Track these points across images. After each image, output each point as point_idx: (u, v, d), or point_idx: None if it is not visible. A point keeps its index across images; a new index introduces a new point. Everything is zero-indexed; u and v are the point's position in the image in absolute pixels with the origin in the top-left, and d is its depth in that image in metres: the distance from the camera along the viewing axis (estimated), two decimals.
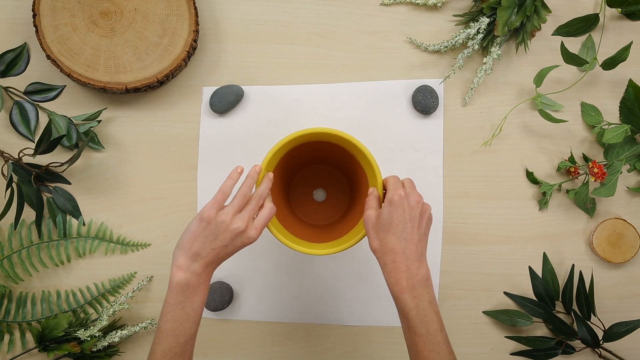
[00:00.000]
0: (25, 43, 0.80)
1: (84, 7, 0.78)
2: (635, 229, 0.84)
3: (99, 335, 0.80)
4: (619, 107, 0.85)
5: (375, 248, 0.64)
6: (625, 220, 0.84)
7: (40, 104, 0.83)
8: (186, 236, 0.62)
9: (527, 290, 0.86)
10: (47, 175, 0.82)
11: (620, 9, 0.83)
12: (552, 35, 0.81)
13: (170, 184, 0.85)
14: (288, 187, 0.84)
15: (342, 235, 0.74)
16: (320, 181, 0.85)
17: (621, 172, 0.81)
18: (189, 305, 0.61)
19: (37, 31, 0.78)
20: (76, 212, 0.84)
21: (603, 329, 0.84)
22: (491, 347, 0.86)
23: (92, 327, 0.80)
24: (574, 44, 0.84)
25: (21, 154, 0.81)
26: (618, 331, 0.82)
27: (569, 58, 0.78)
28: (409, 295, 0.61)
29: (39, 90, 0.80)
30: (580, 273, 0.84)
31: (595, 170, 0.80)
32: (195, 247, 0.61)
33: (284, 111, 0.85)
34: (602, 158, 0.85)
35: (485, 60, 0.82)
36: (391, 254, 0.62)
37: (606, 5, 0.82)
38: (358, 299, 0.86)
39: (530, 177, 0.85)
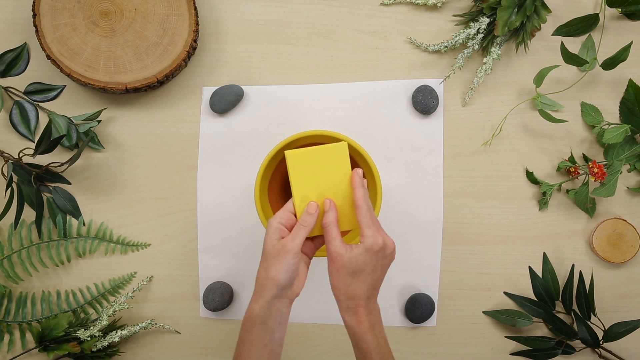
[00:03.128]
0: (25, 43, 0.80)
1: (84, 7, 0.78)
2: (635, 229, 0.84)
3: (99, 335, 0.80)
4: (619, 107, 0.85)
5: (338, 289, 0.60)
6: (625, 220, 0.84)
7: (40, 104, 0.83)
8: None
9: (527, 290, 0.86)
10: (47, 175, 0.82)
11: (620, 9, 0.83)
12: (552, 35, 0.81)
13: (170, 184, 0.85)
14: (288, 187, 0.84)
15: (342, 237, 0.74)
16: None
17: (621, 172, 0.81)
18: None
19: (37, 31, 0.78)
20: (76, 212, 0.84)
21: (603, 329, 0.84)
22: (491, 347, 0.86)
23: (92, 327, 0.80)
24: (574, 44, 0.84)
25: (21, 154, 0.81)
26: (618, 331, 0.82)
27: (569, 58, 0.78)
28: (370, 335, 0.60)
29: (39, 90, 0.80)
30: (580, 273, 0.84)
31: (595, 170, 0.80)
32: None
33: (284, 111, 0.85)
34: (602, 158, 0.85)
35: (485, 60, 0.82)
36: (355, 299, 0.60)
37: (606, 5, 0.82)
38: None
39: (530, 177, 0.85)
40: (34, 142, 0.83)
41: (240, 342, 0.60)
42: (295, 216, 0.63)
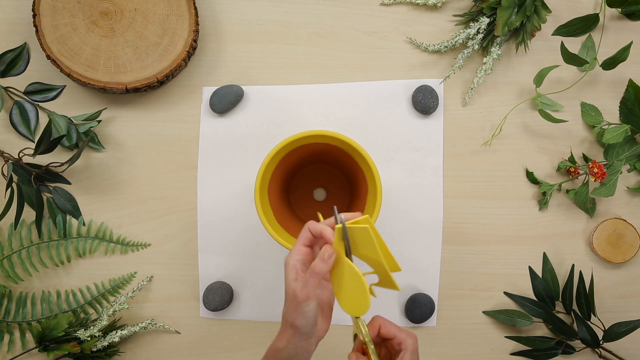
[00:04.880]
0: (25, 43, 0.79)
1: (84, 7, 0.78)
2: (635, 229, 0.84)
3: (99, 335, 0.80)
4: (619, 107, 0.85)
5: None
6: (625, 220, 0.84)
7: (40, 104, 0.83)
8: None
9: (527, 290, 0.86)
10: (47, 175, 0.82)
11: (620, 9, 0.83)
12: (552, 35, 0.81)
13: (170, 184, 0.85)
14: (288, 186, 0.85)
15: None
16: (320, 180, 0.85)
17: (621, 172, 0.81)
18: None
19: (37, 31, 0.78)
20: (76, 212, 0.84)
21: (603, 329, 0.84)
22: (491, 347, 0.86)
23: (92, 327, 0.80)
24: (574, 44, 0.84)
25: (21, 154, 0.81)
26: (618, 331, 0.82)
27: (569, 58, 0.78)
28: None
29: (39, 90, 0.80)
30: (580, 273, 0.84)
31: (595, 170, 0.80)
32: None
33: (284, 111, 0.85)
34: (602, 158, 0.85)
35: (485, 60, 0.82)
36: None
37: (606, 5, 0.82)
38: None
39: (530, 177, 0.85)
40: (34, 142, 0.83)
41: None
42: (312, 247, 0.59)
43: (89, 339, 0.79)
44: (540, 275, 0.85)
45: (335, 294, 0.58)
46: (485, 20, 0.80)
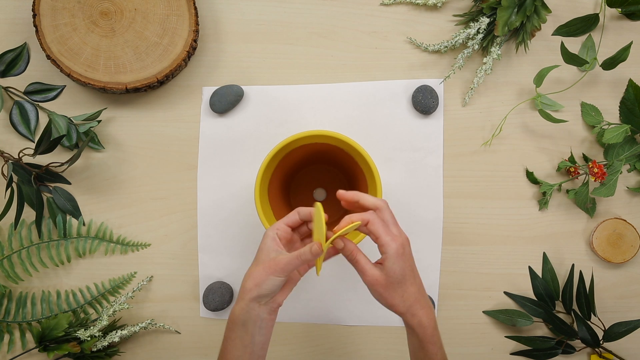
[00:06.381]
0: (25, 43, 0.79)
1: (84, 7, 0.78)
2: (635, 229, 0.84)
3: (99, 335, 0.80)
4: (619, 107, 0.85)
5: (397, 305, 0.59)
6: (625, 220, 0.84)
7: (40, 104, 0.83)
8: None
9: (527, 290, 0.86)
10: (47, 175, 0.82)
11: (620, 9, 0.83)
12: (552, 35, 0.81)
13: (170, 184, 0.85)
14: (288, 186, 0.85)
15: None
16: (320, 180, 0.85)
17: (621, 172, 0.81)
18: None
19: (37, 31, 0.78)
20: (76, 212, 0.84)
21: (603, 329, 0.84)
22: (491, 347, 0.86)
23: (92, 327, 0.80)
24: (574, 44, 0.84)
25: (21, 154, 0.81)
26: (618, 331, 0.82)
27: (569, 58, 0.78)
28: (436, 331, 0.61)
29: (39, 90, 0.80)
30: (580, 273, 0.84)
31: (595, 170, 0.80)
32: None
33: (284, 111, 0.85)
34: (602, 158, 0.85)
35: (485, 60, 0.82)
36: (417, 303, 0.60)
37: (606, 5, 0.82)
38: (358, 299, 0.86)
39: (530, 177, 0.85)
40: (34, 142, 0.83)
41: (224, 339, 0.62)
42: (292, 229, 0.62)
43: (89, 339, 0.79)
44: (540, 275, 0.85)
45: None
46: (485, 20, 0.80)
